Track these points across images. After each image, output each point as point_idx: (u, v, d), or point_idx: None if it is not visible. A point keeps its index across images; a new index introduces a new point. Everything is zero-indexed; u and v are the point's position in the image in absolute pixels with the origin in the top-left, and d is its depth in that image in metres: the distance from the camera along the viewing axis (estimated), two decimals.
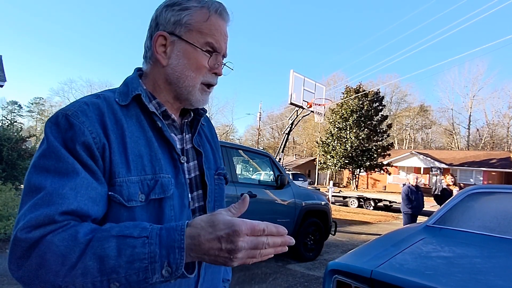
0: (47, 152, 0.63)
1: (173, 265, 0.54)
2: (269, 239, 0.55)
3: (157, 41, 0.77)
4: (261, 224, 0.55)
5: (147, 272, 0.54)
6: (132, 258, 0.54)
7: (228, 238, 0.53)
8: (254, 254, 0.55)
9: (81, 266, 0.53)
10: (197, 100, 0.80)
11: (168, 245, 0.55)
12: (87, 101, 0.71)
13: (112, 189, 0.66)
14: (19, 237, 0.55)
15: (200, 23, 0.76)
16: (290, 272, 4.85)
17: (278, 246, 0.57)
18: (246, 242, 0.53)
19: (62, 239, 0.55)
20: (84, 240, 0.55)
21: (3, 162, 8.96)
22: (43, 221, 0.56)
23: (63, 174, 0.61)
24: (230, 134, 55.60)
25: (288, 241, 0.58)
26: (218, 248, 0.54)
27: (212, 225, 0.55)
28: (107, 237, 0.56)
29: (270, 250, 0.57)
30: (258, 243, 0.55)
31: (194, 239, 0.55)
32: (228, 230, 0.53)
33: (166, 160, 0.74)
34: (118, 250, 0.54)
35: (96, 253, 0.54)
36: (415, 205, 6.36)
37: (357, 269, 2.05)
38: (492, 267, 2.02)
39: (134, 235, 0.56)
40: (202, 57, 0.77)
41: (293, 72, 12.24)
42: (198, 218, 0.58)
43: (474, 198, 3.09)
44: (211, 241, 0.54)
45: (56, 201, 0.58)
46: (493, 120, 46.61)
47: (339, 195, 17.81)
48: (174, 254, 0.54)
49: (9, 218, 5.82)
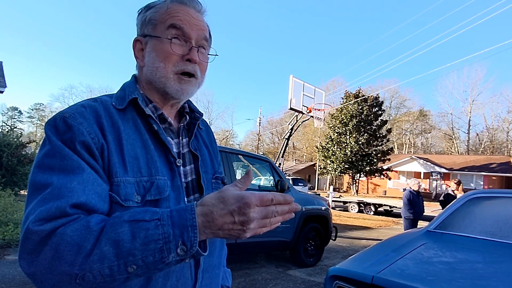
0: (50, 151, 0.63)
1: (188, 243, 0.55)
2: (277, 207, 0.58)
3: (135, 47, 0.81)
4: (269, 195, 0.57)
5: (163, 252, 0.55)
6: (146, 240, 0.54)
7: (240, 211, 0.55)
8: (265, 223, 0.58)
9: (97, 252, 0.53)
10: (176, 91, 0.78)
11: (180, 224, 0.56)
12: (84, 104, 0.72)
13: (110, 189, 0.66)
14: (32, 229, 0.55)
15: (161, 15, 0.78)
16: (290, 278, 4.81)
17: (286, 213, 0.60)
18: (257, 213, 0.56)
19: (74, 229, 0.55)
20: (97, 228, 0.56)
21: (3, 168, 8.95)
22: (54, 213, 0.56)
23: (69, 171, 0.61)
24: (230, 139, 55.69)
25: (295, 207, 0.61)
26: (232, 222, 0.56)
27: (223, 200, 0.57)
28: (120, 222, 0.56)
29: (279, 218, 0.59)
30: (268, 212, 0.57)
31: (207, 216, 0.57)
32: (239, 203, 0.55)
33: (162, 163, 0.75)
34: (132, 233, 0.55)
35: (110, 238, 0.54)
36: (416, 210, 6.35)
37: (358, 274, 2.03)
38: (494, 272, 2.01)
39: (146, 218, 0.57)
40: (166, 45, 0.76)
41: (292, 77, 12.29)
42: (207, 196, 0.60)
43: (475, 202, 3.08)
44: (224, 215, 0.56)
45: (66, 194, 0.58)
46: (493, 124, 46.76)
47: (339, 200, 17.77)
48: (188, 233, 0.55)
49: (8, 224, 5.79)
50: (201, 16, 0.82)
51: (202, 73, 0.83)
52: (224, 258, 0.94)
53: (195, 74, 0.79)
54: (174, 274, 0.71)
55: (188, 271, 0.74)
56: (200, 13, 0.82)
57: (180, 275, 0.72)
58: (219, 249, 0.85)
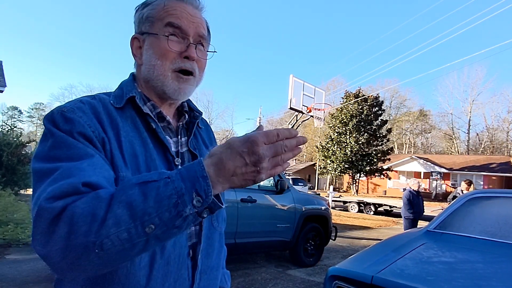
0: (55, 143, 0.62)
1: (202, 193, 0.54)
2: (285, 142, 0.57)
3: (133, 45, 0.81)
4: (274, 130, 0.56)
5: (178, 206, 0.53)
6: (159, 198, 0.53)
7: (249, 150, 0.54)
8: (277, 161, 0.56)
9: (111, 216, 0.52)
10: (174, 90, 0.77)
11: (191, 176, 0.55)
12: (82, 100, 0.71)
13: (114, 182, 0.65)
14: (44, 206, 0.53)
15: (159, 12, 0.77)
16: (290, 278, 4.81)
17: (294, 147, 0.58)
18: (267, 150, 0.54)
19: (85, 201, 0.54)
20: (107, 195, 0.54)
21: (3, 168, 8.95)
22: (67, 190, 0.55)
23: (77, 159, 0.60)
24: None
25: (301, 140, 0.59)
26: (244, 164, 0.54)
27: (230, 146, 0.55)
28: (129, 185, 0.55)
29: (289, 154, 0.58)
30: (277, 148, 0.56)
31: (218, 165, 0.55)
32: (247, 143, 0.54)
33: (161, 161, 0.74)
34: (144, 194, 0.53)
35: (122, 201, 0.53)
36: (416, 210, 6.35)
37: (357, 274, 2.03)
38: (493, 272, 2.01)
39: (154, 178, 0.56)
40: (164, 42, 0.75)
41: (292, 77, 12.28)
42: (214, 148, 0.58)
43: (475, 202, 3.08)
44: (234, 159, 0.54)
45: (77, 173, 0.57)
46: (493, 124, 46.75)
47: (339, 200, 17.78)
48: (200, 183, 0.54)
49: (8, 224, 5.79)
50: (199, 12, 0.81)
51: (201, 71, 0.81)
52: (223, 260, 0.94)
53: (193, 72, 0.78)
54: (172, 275, 0.71)
55: (186, 272, 0.73)
56: (198, 9, 0.81)
57: (178, 275, 0.72)
58: (217, 251, 0.85)
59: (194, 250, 0.76)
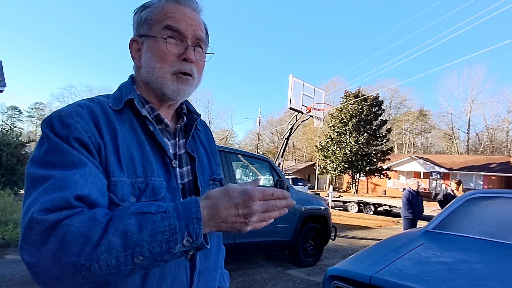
0: (50, 149, 0.63)
1: (193, 234, 0.57)
2: (276, 202, 0.62)
3: (132, 47, 0.82)
4: (269, 190, 0.61)
5: (170, 243, 0.56)
6: (154, 232, 0.55)
7: (244, 204, 0.58)
8: (265, 217, 0.61)
9: (105, 243, 0.53)
10: (173, 91, 0.78)
11: (186, 217, 0.57)
12: (81, 103, 0.72)
13: (108, 188, 0.66)
14: (36, 218, 0.54)
15: (157, 14, 0.78)
16: (289, 278, 4.82)
17: (283, 208, 0.63)
18: (259, 206, 0.59)
19: (81, 221, 0.55)
20: (104, 219, 0.56)
21: (2, 168, 8.95)
22: (58, 204, 0.56)
23: (71, 166, 0.61)
24: (229, 139, 55.66)
25: (291, 203, 0.64)
26: (236, 214, 0.58)
27: (228, 194, 0.59)
28: (127, 214, 0.57)
29: (276, 212, 0.62)
30: (268, 206, 0.60)
31: (212, 209, 0.59)
32: (244, 196, 0.58)
33: (158, 164, 0.75)
34: (139, 225, 0.55)
35: (118, 229, 0.55)
36: (416, 210, 6.35)
37: (356, 274, 2.04)
38: (492, 273, 2.01)
39: (152, 211, 0.58)
40: (162, 44, 0.76)
41: (292, 77, 12.29)
42: (213, 190, 0.62)
43: (474, 203, 3.09)
44: (229, 208, 0.58)
45: (69, 185, 0.58)
46: (493, 124, 46.75)
47: (339, 200, 17.77)
48: (193, 225, 0.57)
49: (7, 224, 5.79)
50: (197, 15, 0.81)
51: (199, 73, 0.82)
52: (221, 260, 0.94)
53: (192, 73, 0.79)
54: (169, 277, 0.71)
55: (184, 273, 0.74)
56: (196, 12, 0.81)
57: (176, 277, 0.72)
58: (215, 252, 0.85)
59: None
